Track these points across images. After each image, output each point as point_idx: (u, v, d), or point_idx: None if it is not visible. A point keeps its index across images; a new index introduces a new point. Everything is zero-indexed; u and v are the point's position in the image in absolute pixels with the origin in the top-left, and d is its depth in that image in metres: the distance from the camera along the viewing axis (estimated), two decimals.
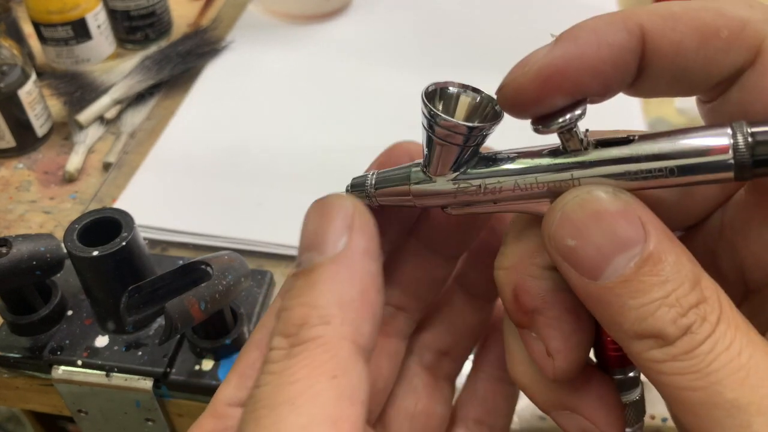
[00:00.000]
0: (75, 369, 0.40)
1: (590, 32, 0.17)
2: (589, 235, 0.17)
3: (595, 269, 0.17)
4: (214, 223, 0.51)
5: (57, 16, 0.64)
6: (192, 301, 0.35)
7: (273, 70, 0.69)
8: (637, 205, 0.17)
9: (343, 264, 0.17)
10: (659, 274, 0.16)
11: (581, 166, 0.17)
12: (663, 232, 0.17)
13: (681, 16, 0.17)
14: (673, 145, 0.16)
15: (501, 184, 0.18)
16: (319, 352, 0.16)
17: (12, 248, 0.38)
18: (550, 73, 0.17)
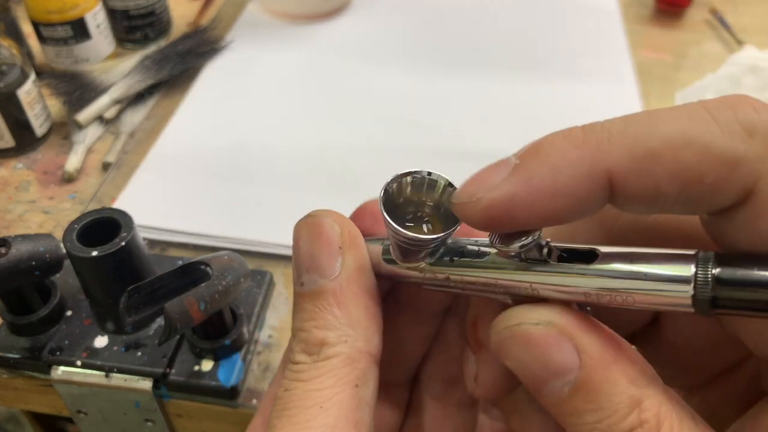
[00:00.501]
0: (74, 369, 0.40)
1: (547, 173, 0.15)
2: (523, 361, 0.17)
3: (535, 388, 0.17)
4: (214, 223, 0.51)
5: (56, 16, 0.64)
6: (191, 302, 0.35)
7: (272, 70, 0.69)
8: (575, 331, 0.17)
9: (344, 284, 0.19)
10: (592, 402, 0.16)
11: (540, 277, 0.17)
12: (601, 357, 0.16)
13: (660, 157, 0.15)
14: (632, 272, 0.16)
15: (465, 278, 0.19)
16: (341, 366, 0.18)
17: (11, 248, 0.38)
18: (497, 213, 0.16)
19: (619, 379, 0.16)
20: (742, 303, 0.14)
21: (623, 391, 0.16)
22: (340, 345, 0.18)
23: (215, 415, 0.41)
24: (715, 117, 0.15)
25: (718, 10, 0.78)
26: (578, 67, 0.69)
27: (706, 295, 0.15)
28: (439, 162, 0.56)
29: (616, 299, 0.16)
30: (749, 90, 0.56)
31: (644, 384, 0.16)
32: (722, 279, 0.14)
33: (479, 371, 0.20)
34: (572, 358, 0.16)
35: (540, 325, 0.17)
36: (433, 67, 0.69)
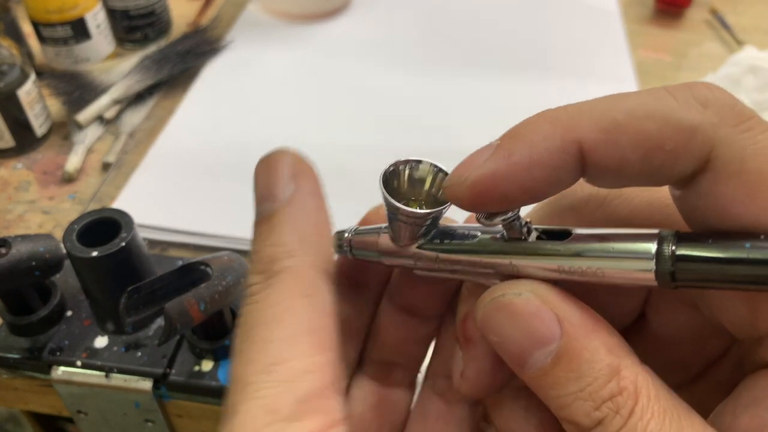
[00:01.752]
0: (74, 370, 0.40)
1: (524, 148, 0.17)
2: (507, 333, 0.18)
3: (518, 361, 0.18)
4: (213, 222, 0.51)
5: (56, 16, 0.64)
6: (191, 302, 0.35)
7: (272, 70, 0.69)
8: (556, 301, 0.18)
9: (295, 206, 0.20)
10: (574, 370, 0.17)
11: (519, 255, 0.19)
12: (581, 326, 0.17)
13: (624, 127, 0.16)
14: (602, 248, 0.17)
15: (453, 258, 0.20)
16: (290, 279, 0.19)
17: (11, 249, 0.38)
18: (482, 189, 0.18)
19: (598, 347, 0.17)
20: (698, 276, 0.16)
21: (603, 358, 0.17)
22: (288, 259, 0.19)
23: (215, 415, 0.41)
24: (674, 94, 0.16)
25: (718, 10, 0.78)
26: (578, 67, 0.69)
27: (666, 269, 0.16)
28: (438, 161, 0.56)
29: (587, 273, 0.17)
30: (749, 90, 0.56)
31: (622, 354, 0.17)
32: (680, 255, 0.16)
33: (466, 367, 0.21)
34: (554, 327, 0.17)
35: (522, 294, 0.18)
36: (433, 66, 0.69)
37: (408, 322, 0.24)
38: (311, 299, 0.19)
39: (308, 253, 0.19)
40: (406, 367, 0.25)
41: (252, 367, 0.18)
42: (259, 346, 0.18)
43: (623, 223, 0.20)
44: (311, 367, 0.18)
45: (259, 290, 0.19)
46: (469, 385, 0.21)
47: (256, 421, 0.17)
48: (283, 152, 0.21)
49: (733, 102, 0.16)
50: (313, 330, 0.18)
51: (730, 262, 0.15)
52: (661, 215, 0.19)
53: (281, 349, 0.18)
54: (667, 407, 0.17)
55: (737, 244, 0.15)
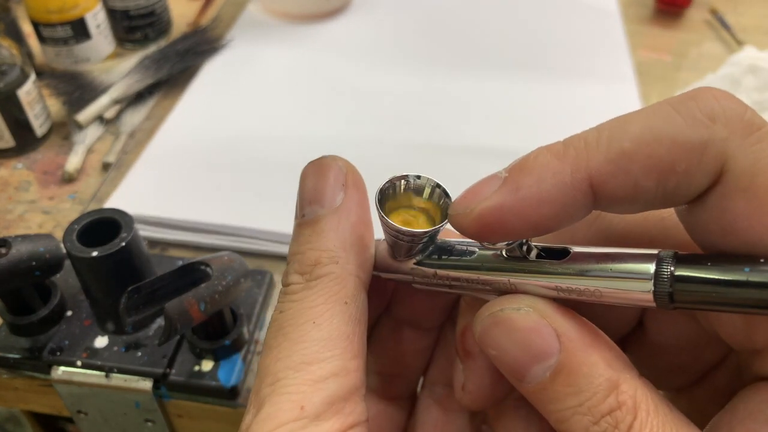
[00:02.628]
0: (74, 370, 0.40)
1: (533, 183, 0.17)
2: (506, 348, 0.18)
3: (516, 376, 0.18)
4: (208, 214, 0.51)
5: (56, 16, 0.64)
6: (191, 302, 0.35)
7: (272, 69, 0.69)
8: (555, 317, 0.18)
9: (343, 215, 0.20)
10: (572, 384, 0.17)
11: (518, 273, 0.19)
12: (579, 341, 0.17)
13: (633, 155, 0.16)
14: (600, 268, 0.17)
15: (451, 274, 0.20)
16: (332, 284, 0.19)
17: (11, 249, 0.38)
18: (488, 221, 0.17)
19: (597, 361, 0.17)
20: (697, 298, 0.16)
21: (602, 373, 0.17)
22: (332, 265, 0.20)
23: (215, 415, 0.41)
24: (678, 110, 0.16)
25: (718, 11, 0.78)
26: (578, 67, 0.69)
27: (665, 290, 0.16)
28: (438, 160, 0.56)
29: (585, 293, 0.17)
30: (749, 90, 0.56)
31: (621, 368, 0.17)
32: (679, 276, 0.16)
33: (466, 380, 0.21)
34: (552, 342, 0.17)
35: (521, 310, 0.18)
36: (433, 66, 0.69)
37: (408, 334, 0.25)
38: (349, 307, 0.19)
39: (350, 261, 0.20)
40: (405, 378, 0.26)
41: (284, 364, 0.18)
42: (294, 344, 0.18)
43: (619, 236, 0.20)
44: (341, 371, 0.18)
45: (299, 290, 0.19)
46: (471, 397, 0.21)
47: (283, 415, 0.17)
48: (335, 158, 0.21)
49: (742, 110, 0.16)
50: (348, 336, 0.19)
51: (728, 284, 0.15)
52: (657, 229, 0.19)
53: (316, 350, 0.18)
54: (665, 421, 0.17)
55: (736, 267, 0.15)
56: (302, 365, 0.18)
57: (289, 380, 0.18)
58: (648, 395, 0.17)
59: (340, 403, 0.18)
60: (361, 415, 0.19)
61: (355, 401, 0.18)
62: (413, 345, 0.25)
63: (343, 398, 0.18)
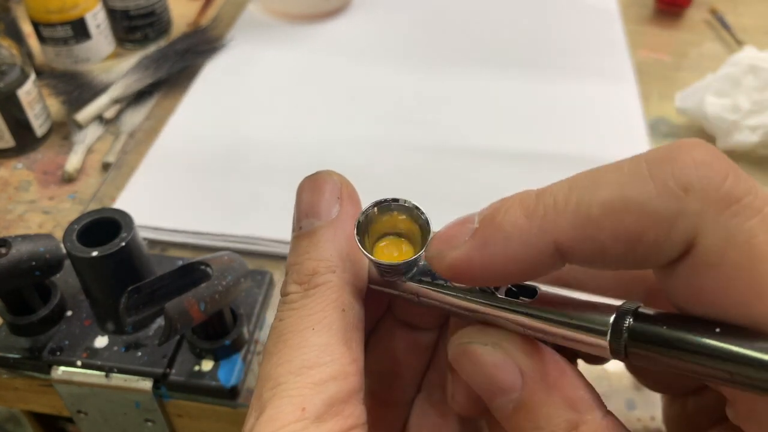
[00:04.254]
0: (74, 369, 0.40)
1: (499, 241, 0.17)
2: (473, 377, 0.19)
3: (486, 401, 0.19)
4: (214, 222, 0.51)
5: (56, 16, 0.64)
6: (191, 302, 0.35)
7: (272, 70, 0.69)
8: (520, 355, 0.18)
9: (338, 227, 0.21)
10: (531, 421, 0.18)
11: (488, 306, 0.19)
12: (542, 381, 0.18)
13: (600, 223, 0.16)
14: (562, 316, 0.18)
15: (430, 297, 0.21)
16: (329, 292, 0.20)
17: (11, 249, 0.38)
18: (458, 271, 0.18)
19: (558, 402, 0.18)
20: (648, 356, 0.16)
21: (561, 414, 0.18)
22: (329, 274, 0.20)
23: (215, 415, 0.41)
24: (653, 174, 0.15)
25: (718, 11, 0.78)
26: (578, 67, 0.69)
27: (619, 344, 0.16)
28: (439, 160, 0.56)
29: (548, 335, 0.18)
30: (749, 90, 0.56)
31: (583, 409, 0.18)
32: (634, 333, 0.16)
33: (454, 390, 0.22)
34: (515, 379, 0.18)
35: (488, 346, 0.19)
36: (433, 66, 0.69)
37: (406, 337, 0.25)
38: (346, 314, 0.20)
39: (347, 270, 0.21)
40: (403, 381, 0.26)
41: (285, 369, 0.19)
42: (293, 350, 0.19)
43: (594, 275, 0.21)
44: (340, 374, 0.19)
45: (298, 299, 0.20)
46: (459, 406, 0.22)
47: (285, 417, 0.18)
48: (330, 173, 0.22)
49: (720, 180, 0.15)
50: (346, 342, 0.19)
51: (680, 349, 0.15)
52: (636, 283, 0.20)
53: (315, 355, 0.19)
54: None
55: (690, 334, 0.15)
56: (303, 369, 0.19)
57: (290, 384, 0.18)
58: None
59: (339, 405, 0.18)
60: (360, 418, 0.19)
61: (354, 404, 0.19)
62: (411, 347, 0.25)
63: (342, 401, 0.19)
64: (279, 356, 0.19)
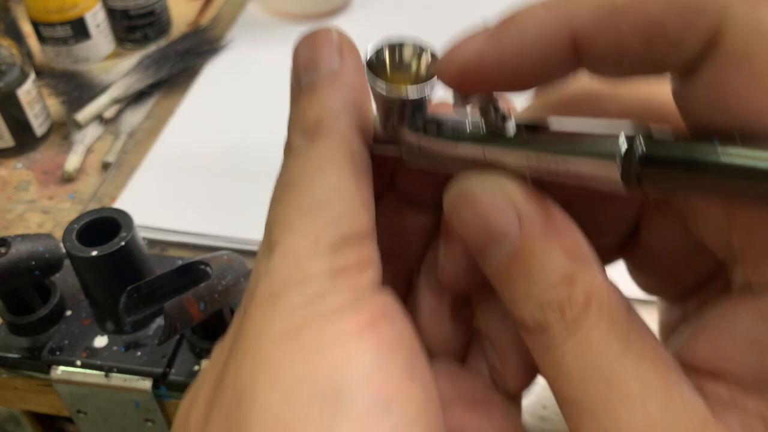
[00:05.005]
0: (74, 369, 0.40)
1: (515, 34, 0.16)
2: (468, 224, 0.18)
3: (478, 254, 0.18)
4: (214, 223, 0.51)
5: (56, 16, 0.64)
6: (191, 302, 0.35)
7: (272, 70, 0.69)
8: (520, 199, 0.17)
9: (341, 77, 0.20)
10: (526, 271, 0.17)
11: (491, 145, 0.18)
12: (541, 227, 0.17)
13: (623, 9, 0.14)
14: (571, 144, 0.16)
15: (432, 146, 0.20)
16: (337, 138, 0.19)
17: (11, 248, 0.38)
18: (468, 70, 0.17)
19: (555, 252, 0.17)
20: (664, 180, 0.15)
21: (557, 264, 0.17)
22: (334, 121, 0.19)
23: None
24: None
25: None
26: None
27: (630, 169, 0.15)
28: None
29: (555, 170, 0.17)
30: None
31: (581, 263, 0.17)
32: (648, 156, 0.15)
33: (445, 259, 0.21)
34: (512, 224, 0.17)
35: (487, 188, 0.18)
36: None
37: (409, 211, 0.24)
38: (355, 159, 0.19)
39: (353, 119, 0.19)
40: (404, 259, 0.25)
41: (294, 210, 0.18)
42: (302, 193, 0.18)
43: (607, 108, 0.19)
44: (353, 213, 0.18)
45: (303, 149, 0.19)
46: (447, 277, 0.21)
47: (297, 248, 0.17)
48: (327, 28, 0.21)
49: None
50: (357, 185, 0.18)
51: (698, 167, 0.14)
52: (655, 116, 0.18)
53: (326, 194, 0.18)
54: (617, 324, 0.16)
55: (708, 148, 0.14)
56: (313, 208, 0.18)
57: (302, 222, 0.18)
58: (605, 295, 0.17)
59: (354, 239, 0.18)
60: (374, 255, 0.18)
61: (368, 243, 0.18)
62: (414, 223, 0.24)
63: (357, 236, 0.18)
64: (287, 201, 0.18)
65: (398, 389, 0.16)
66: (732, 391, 0.16)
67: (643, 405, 0.15)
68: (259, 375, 0.16)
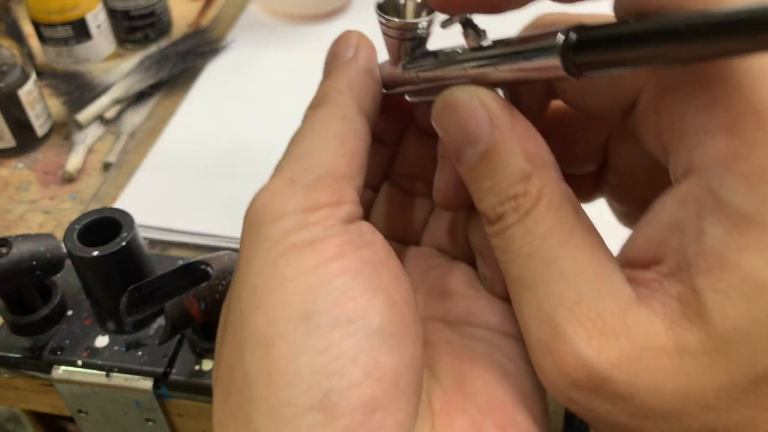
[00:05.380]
0: (75, 369, 0.40)
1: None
2: (449, 129, 0.21)
3: (456, 157, 0.21)
4: (215, 223, 0.51)
5: (57, 16, 0.64)
6: (192, 302, 0.35)
7: (273, 70, 0.69)
8: (494, 107, 0.20)
9: (351, 63, 0.24)
10: (491, 168, 0.20)
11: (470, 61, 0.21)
12: (509, 131, 0.20)
13: None
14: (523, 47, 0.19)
15: (428, 72, 0.23)
16: (333, 106, 0.23)
17: (12, 248, 0.38)
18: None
19: (517, 153, 0.19)
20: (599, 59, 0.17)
21: (517, 163, 0.19)
22: (335, 95, 0.23)
23: None
24: None
25: None
26: None
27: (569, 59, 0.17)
28: None
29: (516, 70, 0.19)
30: None
31: (539, 165, 0.19)
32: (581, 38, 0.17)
33: (438, 178, 0.25)
34: (485, 127, 0.20)
35: (466, 97, 0.20)
36: None
37: (427, 141, 0.27)
38: (346, 121, 0.22)
39: (353, 94, 0.23)
40: (426, 180, 0.28)
41: (284, 160, 0.22)
42: (294, 146, 0.22)
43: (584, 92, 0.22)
44: (333, 160, 0.21)
45: (308, 114, 0.23)
46: (440, 195, 0.25)
47: (276, 186, 0.21)
48: (350, 31, 0.25)
49: None
50: (342, 139, 0.22)
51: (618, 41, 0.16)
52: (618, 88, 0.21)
53: (312, 145, 0.22)
54: (564, 218, 0.19)
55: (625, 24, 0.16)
56: (299, 157, 0.21)
57: (285, 165, 0.22)
58: (556, 193, 0.19)
59: (329, 181, 0.21)
60: (351, 196, 0.21)
61: (345, 185, 0.21)
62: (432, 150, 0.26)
63: (333, 178, 0.21)
64: (285, 153, 0.22)
65: (359, 305, 0.19)
66: (659, 276, 0.17)
67: (575, 284, 0.18)
68: (248, 302, 0.19)
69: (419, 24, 0.23)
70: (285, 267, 0.19)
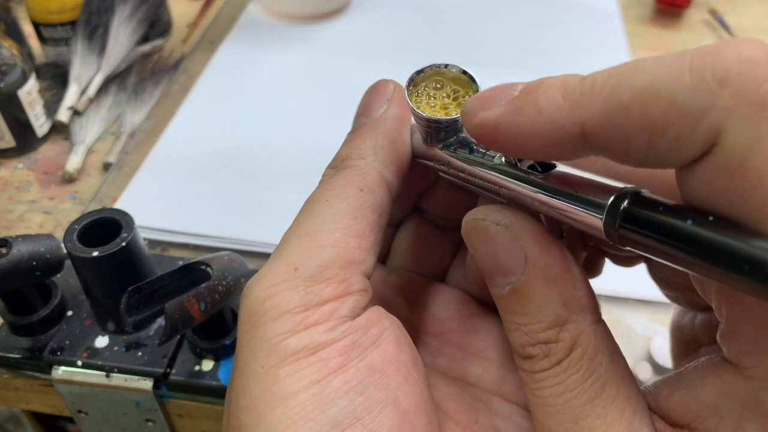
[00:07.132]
0: (75, 369, 0.40)
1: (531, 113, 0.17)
2: (479, 254, 0.20)
3: (486, 279, 0.20)
4: (215, 224, 0.51)
5: (57, 16, 0.64)
6: (192, 302, 0.35)
7: (273, 70, 0.69)
8: (529, 241, 0.19)
9: (379, 123, 0.23)
10: (523, 306, 0.19)
11: (505, 177, 0.20)
12: (544, 271, 0.18)
13: (628, 110, 0.15)
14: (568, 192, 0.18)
15: (462, 166, 0.22)
16: (352, 173, 0.21)
17: (12, 249, 0.38)
18: (484, 132, 0.18)
19: (553, 296, 0.18)
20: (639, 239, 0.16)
21: (551, 309, 0.18)
22: (358, 160, 0.22)
23: (216, 414, 0.41)
24: (693, 65, 0.14)
25: (717, 11, 0.78)
26: (578, 67, 0.68)
27: (613, 225, 0.16)
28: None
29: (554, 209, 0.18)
30: None
31: (576, 310, 0.18)
32: (629, 214, 0.16)
33: (469, 261, 0.25)
34: (518, 263, 0.19)
35: (500, 226, 0.19)
36: None
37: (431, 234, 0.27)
38: (364, 194, 0.21)
39: (377, 159, 0.22)
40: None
41: (293, 232, 0.20)
42: (305, 217, 0.21)
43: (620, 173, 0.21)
44: (339, 242, 0.20)
45: (326, 178, 0.22)
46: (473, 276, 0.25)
47: (276, 275, 0.19)
48: (387, 81, 0.24)
49: (762, 80, 0.13)
50: (355, 217, 0.20)
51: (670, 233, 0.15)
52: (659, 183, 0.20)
53: (321, 221, 0.20)
54: (597, 370, 0.18)
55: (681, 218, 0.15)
56: (308, 233, 0.20)
57: (291, 245, 0.20)
58: (592, 343, 0.18)
59: (333, 270, 0.19)
60: (357, 286, 0.20)
61: (351, 273, 0.20)
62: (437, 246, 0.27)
63: (337, 266, 0.19)
64: (294, 223, 0.21)
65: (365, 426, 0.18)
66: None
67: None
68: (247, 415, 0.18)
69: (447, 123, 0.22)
70: (285, 379, 0.18)
